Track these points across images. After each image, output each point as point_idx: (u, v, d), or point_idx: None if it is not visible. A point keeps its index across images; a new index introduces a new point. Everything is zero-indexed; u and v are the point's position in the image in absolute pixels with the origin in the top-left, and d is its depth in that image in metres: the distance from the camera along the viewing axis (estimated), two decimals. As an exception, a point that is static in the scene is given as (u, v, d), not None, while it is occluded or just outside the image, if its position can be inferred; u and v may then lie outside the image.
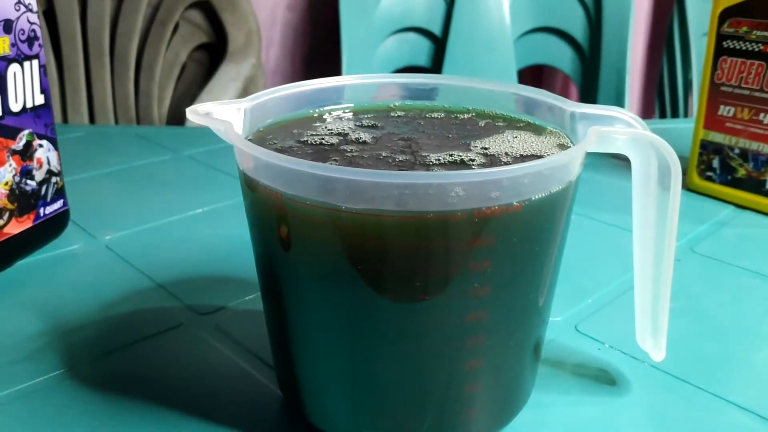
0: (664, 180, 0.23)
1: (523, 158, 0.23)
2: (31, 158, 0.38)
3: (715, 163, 0.47)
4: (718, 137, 0.47)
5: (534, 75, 1.20)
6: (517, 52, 0.98)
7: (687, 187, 0.49)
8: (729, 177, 0.47)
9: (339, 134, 0.26)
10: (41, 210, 0.39)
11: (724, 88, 0.46)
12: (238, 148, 0.22)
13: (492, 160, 0.23)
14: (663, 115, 1.10)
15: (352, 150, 0.24)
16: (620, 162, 0.53)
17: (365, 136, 0.26)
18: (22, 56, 0.36)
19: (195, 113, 0.23)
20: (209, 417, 0.26)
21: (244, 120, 0.25)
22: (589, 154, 0.23)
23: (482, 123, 0.27)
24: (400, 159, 0.23)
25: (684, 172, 0.49)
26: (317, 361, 0.23)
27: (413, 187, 0.19)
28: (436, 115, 0.29)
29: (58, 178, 0.40)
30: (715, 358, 0.30)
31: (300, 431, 0.25)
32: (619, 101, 0.95)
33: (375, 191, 0.19)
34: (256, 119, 0.26)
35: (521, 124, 0.27)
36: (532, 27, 0.99)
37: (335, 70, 0.96)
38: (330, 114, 0.28)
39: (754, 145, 0.45)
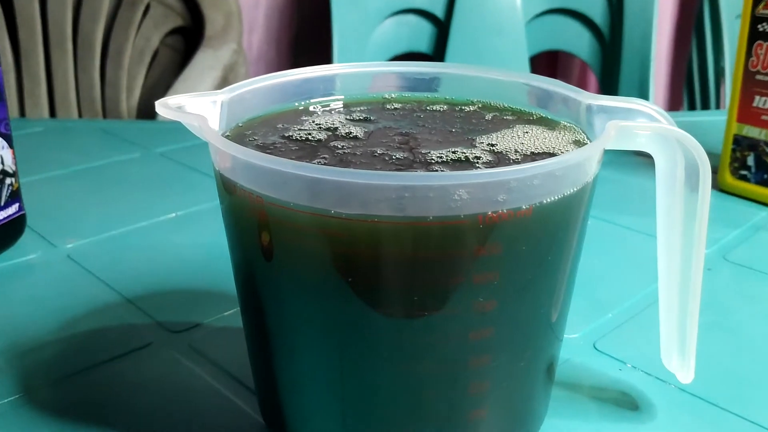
0: (691, 180, 0.23)
1: (534, 156, 0.23)
2: (-18, 157, 0.37)
3: (750, 161, 0.48)
4: (753, 131, 0.47)
5: (548, 62, 1.21)
6: (529, 37, 0.98)
7: (719, 187, 0.49)
8: (765, 176, 0.47)
9: (328, 129, 0.26)
10: (-6, 215, 0.39)
11: (759, 77, 0.46)
12: (214, 145, 0.22)
13: (499, 158, 0.23)
14: (692, 107, 1.10)
15: (343, 147, 0.24)
16: (643, 159, 0.53)
17: (357, 130, 0.26)
18: (-27, 42, 0.36)
19: (165, 107, 0.23)
20: (183, 447, 0.26)
21: (221, 114, 0.25)
22: (608, 152, 0.23)
23: (489, 116, 0.27)
24: (397, 157, 0.23)
25: (715, 171, 0.49)
26: (303, 384, 0.23)
27: (412, 189, 0.19)
28: (437, 107, 0.29)
29: (13, 180, 0.40)
30: (749, 378, 0.30)
31: (285, 463, 0.25)
32: (642, 92, 0.95)
33: (368, 194, 0.19)
34: (235, 113, 0.26)
35: (533, 118, 0.27)
36: (546, 8, 0.99)
37: (325, 58, 0.96)
38: (318, 107, 0.28)
39: (793, 141, 0.45)
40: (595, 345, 0.32)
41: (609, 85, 0.98)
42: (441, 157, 0.23)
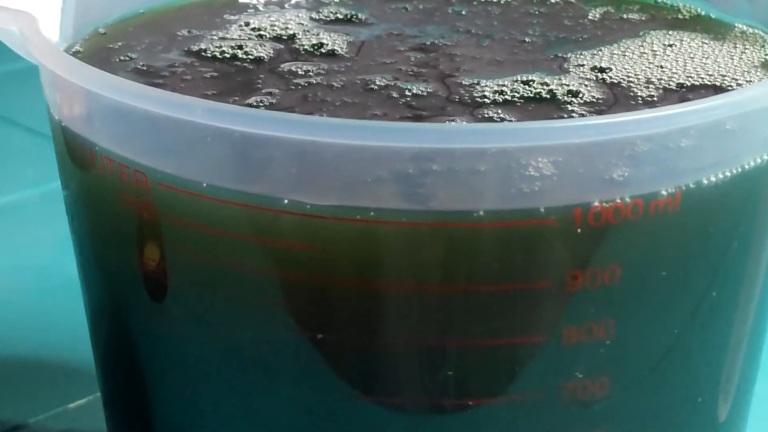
0: None
1: (684, 92, 0.24)
2: None
3: None
4: None
5: None
6: None
7: None
8: None
9: (278, 38, 0.26)
10: None
11: None
12: (51, 71, 0.22)
13: (616, 96, 0.23)
14: None
15: (307, 72, 0.24)
16: None
17: (336, 41, 0.26)
18: None
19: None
20: None
21: (65, 10, 0.25)
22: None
23: (595, 14, 0.28)
24: (415, 92, 0.23)
25: None
26: None
27: (444, 156, 0.19)
28: (491, -4, 0.29)
29: None
30: None
31: None
32: None
33: (358, 167, 0.19)
34: (93, 8, 0.26)
35: (680, 18, 0.28)
36: None
37: None
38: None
39: None
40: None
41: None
42: (501, 92, 0.23)
